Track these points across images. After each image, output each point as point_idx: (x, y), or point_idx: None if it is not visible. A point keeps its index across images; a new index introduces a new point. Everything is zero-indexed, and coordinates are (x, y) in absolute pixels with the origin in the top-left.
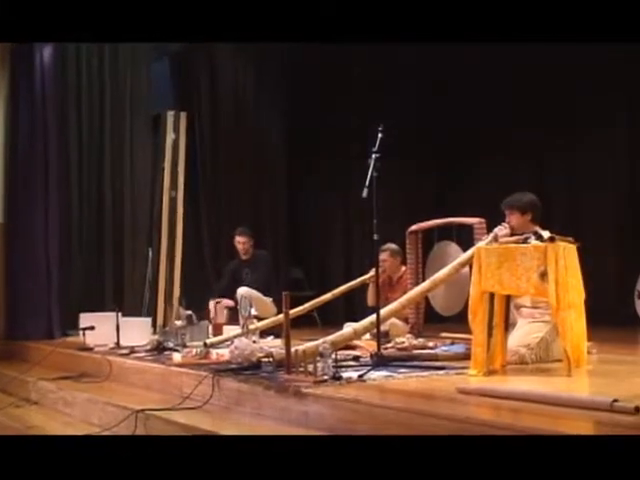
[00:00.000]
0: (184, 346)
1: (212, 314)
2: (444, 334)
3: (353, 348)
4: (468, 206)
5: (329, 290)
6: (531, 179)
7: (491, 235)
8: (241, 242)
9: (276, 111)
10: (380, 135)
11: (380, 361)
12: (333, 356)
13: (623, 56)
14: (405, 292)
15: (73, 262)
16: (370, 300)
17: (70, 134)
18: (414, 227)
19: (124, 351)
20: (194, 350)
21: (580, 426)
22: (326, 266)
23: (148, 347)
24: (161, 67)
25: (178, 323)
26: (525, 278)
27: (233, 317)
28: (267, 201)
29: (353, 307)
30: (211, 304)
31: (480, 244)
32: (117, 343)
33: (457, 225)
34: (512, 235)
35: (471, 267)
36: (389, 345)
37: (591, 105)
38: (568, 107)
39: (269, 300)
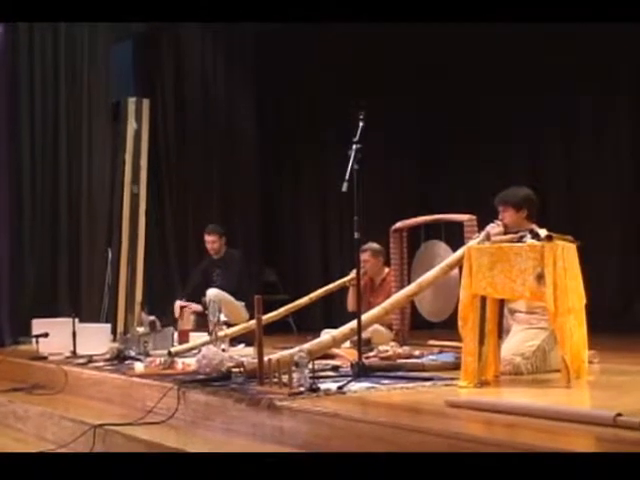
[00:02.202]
0: (147, 355)
1: (177, 315)
2: (431, 342)
3: (332, 357)
4: (458, 202)
5: (306, 294)
6: (527, 172)
7: (483, 233)
8: (210, 241)
9: (248, 98)
10: (361, 123)
11: (361, 371)
12: (310, 366)
13: (625, 44)
14: (389, 296)
15: (25, 263)
16: (350, 305)
17: (22, 123)
18: (398, 224)
19: (81, 360)
20: (158, 359)
21: (580, 442)
22: (302, 268)
23: (107, 356)
24: (122, 50)
25: (140, 330)
26: (520, 280)
27: (201, 323)
28: (238, 197)
29: (332, 312)
30: (177, 305)
31: (471, 243)
32: (73, 352)
33: (446, 222)
34: (506, 233)
35: (461, 268)
36: (371, 354)
37: (592, 94)
38: (567, 97)
39: (240, 304)
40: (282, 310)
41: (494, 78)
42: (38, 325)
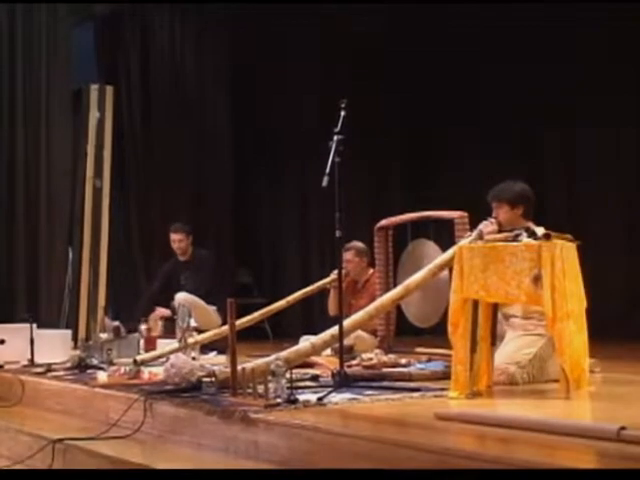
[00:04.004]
0: (110, 364)
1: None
2: (419, 349)
3: (311, 366)
4: (448, 197)
5: (283, 297)
6: (523, 167)
7: (475, 232)
8: (176, 240)
9: (221, 87)
10: (342, 113)
11: (343, 381)
12: (287, 375)
13: (628, 44)
14: (372, 299)
15: None
16: (331, 309)
17: None
18: (384, 222)
19: (39, 369)
20: (122, 368)
21: (581, 458)
22: (279, 268)
23: (68, 365)
24: (83, 33)
25: (103, 336)
26: (515, 283)
27: (169, 329)
28: (210, 192)
29: (311, 317)
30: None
31: (462, 242)
32: (31, 360)
33: (435, 220)
34: (500, 232)
35: (451, 270)
36: (354, 362)
37: (594, 82)
38: (567, 85)
39: (212, 309)
40: (257, 315)
41: (491, 73)
42: None
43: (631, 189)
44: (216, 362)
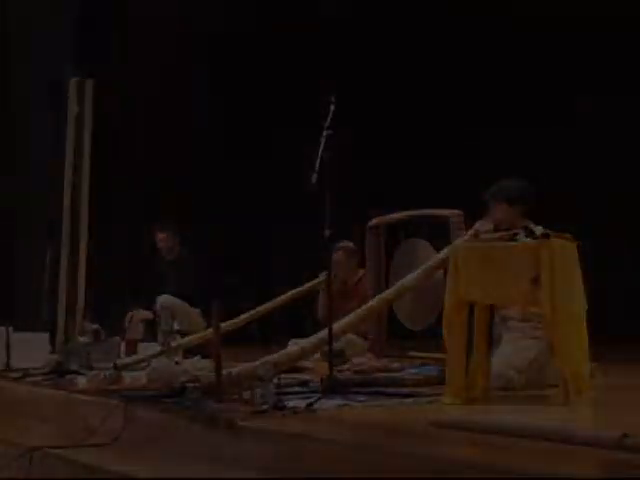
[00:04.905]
0: (90, 368)
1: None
2: (412, 353)
3: (300, 371)
4: (443, 195)
5: (270, 299)
6: (521, 162)
7: (471, 231)
8: (163, 239)
9: (208, 74)
10: (332, 107)
11: (334, 387)
12: (275, 380)
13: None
14: (363, 300)
15: None
16: (320, 311)
17: None
18: (376, 220)
19: (16, 374)
20: (102, 373)
21: (581, 467)
22: (267, 269)
23: (46, 369)
24: (62, 22)
25: (83, 340)
26: (513, 284)
27: (151, 332)
28: (196, 190)
29: (300, 320)
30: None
31: (458, 242)
32: (7, 364)
33: (429, 218)
34: (497, 231)
35: (446, 271)
36: (344, 367)
37: (594, 94)
38: (568, 96)
39: (196, 311)
40: (244, 317)
41: (490, 72)
42: None
43: (632, 188)
44: (200, 367)
